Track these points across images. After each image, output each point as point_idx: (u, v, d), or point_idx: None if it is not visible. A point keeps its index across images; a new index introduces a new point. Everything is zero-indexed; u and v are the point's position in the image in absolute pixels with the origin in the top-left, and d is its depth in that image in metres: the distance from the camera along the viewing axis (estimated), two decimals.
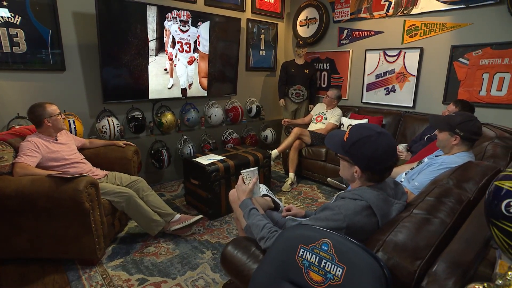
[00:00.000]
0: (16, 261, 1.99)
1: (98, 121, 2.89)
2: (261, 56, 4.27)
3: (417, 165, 1.76)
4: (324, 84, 4.20)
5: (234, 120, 3.95)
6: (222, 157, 2.71)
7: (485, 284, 0.59)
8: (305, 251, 0.81)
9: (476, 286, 0.60)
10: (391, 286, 0.72)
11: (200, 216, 2.34)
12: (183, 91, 3.42)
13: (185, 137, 3.44)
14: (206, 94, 3.65)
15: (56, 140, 2.15)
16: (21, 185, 1.77)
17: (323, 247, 0.79)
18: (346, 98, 3.96)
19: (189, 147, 3.37)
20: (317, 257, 0.79)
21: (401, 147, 2.57)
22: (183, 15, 3.14)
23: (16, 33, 2.44)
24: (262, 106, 4.26)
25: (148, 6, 2.87)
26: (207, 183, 2.50)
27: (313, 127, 3.59)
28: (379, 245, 0.84)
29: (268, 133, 4.20)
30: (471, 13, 2.85)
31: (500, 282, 0.55)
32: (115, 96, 2.93)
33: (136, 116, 3.08)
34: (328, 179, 2.75)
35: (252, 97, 4.25)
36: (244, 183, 1.37)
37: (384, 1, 3.41)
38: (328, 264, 0.76)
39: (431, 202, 1.03)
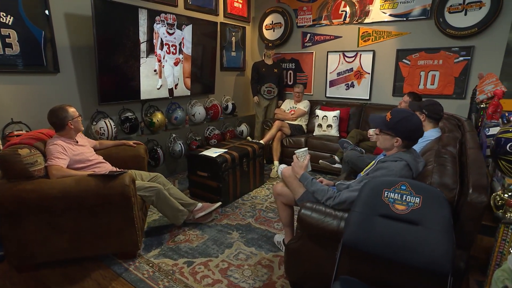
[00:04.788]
0: (52, 264, 1.99)
1: (95, 123, 2.86)
2: (233, 57, 4.57)
3: None
4: (290, 81, 4.71)
5: (214, 118, 4.18)
6: (225, 150, 2.97)
7: (502, 191, 1.08)
8: (389, 192, 1.23)
9: (499, 192, 1.09)
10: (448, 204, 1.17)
11: (220, 203, 2.59)
12: (170, 91, 3.54)
13: (174, 135, 3.57)
14: (189, 94, 3.82)
15: (77, 142, 2.17)
16: (67, 186, 1.82)
17: (402, 187, 1.21)
18: (311, 94, 4.53)
19: (180, 144, 3.51)
20: (399, 194, 1.21)
21: (371, 131, 3.19)
22: (170, 19, 3.27)
23: (9, 33, 2.33)
24: (235, 103, 4.56)
25: (139, 9, 2.95)
26: (218, 173, 2.75)
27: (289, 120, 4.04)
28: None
29: (243, 128, 4.52)
30: (410, 24, 3.64)
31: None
32: (111, 97, 2.94)
33: (129, 117, 3.12)
34: (320, 161, 3.23)
35: (226, 95, 4.53)
36: (298, 160, 1.72)
37: (341, 11, 4.04)
38: (408, 197, 1.19)
39: (439, 159, 1.55)
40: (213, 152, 2.89)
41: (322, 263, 1.57)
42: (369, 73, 3.99)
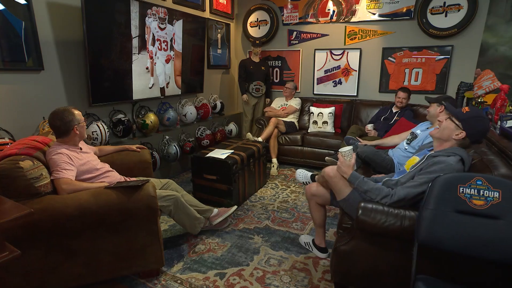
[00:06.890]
0: None
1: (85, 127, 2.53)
2: (219, 54, 4.40)
3: (411, 136, 2.42)
4: (276, 79, 4.67)
5: (203, 117, 3.98)
6: (231, 150, 2.83)
7: None
8: (464, 188, 1.23)
9: None
10: None
11: (235, 206, 2.47)
12: (162, 90, 3.29)
13: (167, 137, 3.32)
14: (180, 93, 3.58)
15: (81, 149, 1.90)
16: (83, 202, 1.57)
17: (477, 182, 1.23)
18: (299, 91, 4.53)
19: (175, 146, 3.28)
20: (475, 190, 1.22)
21: (369, 127, 3.28)
22: (161, 12, 3.02)
23: None
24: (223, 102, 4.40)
25: (131, 1, 2.67)
26: (229, 175, 2.61)
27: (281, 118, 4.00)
28: None
29: (232, 127, 4.38)
30: (394, 24, 3.81)
31: None
32: (102, 98, 2.63)
33: (122, 119, 2.82)
34: (326, 158, 3.21)
35: (214, 94, 4.34)
36: (345, 159, 1.67)
37: (328, 10, 4.09)
38: (486, 192, 1.20)
39: (481, 152, 1.61)
40: (220, 154, 2.74)
41: (378, 263, 1.55)
42: (356, 71, 4.10)
